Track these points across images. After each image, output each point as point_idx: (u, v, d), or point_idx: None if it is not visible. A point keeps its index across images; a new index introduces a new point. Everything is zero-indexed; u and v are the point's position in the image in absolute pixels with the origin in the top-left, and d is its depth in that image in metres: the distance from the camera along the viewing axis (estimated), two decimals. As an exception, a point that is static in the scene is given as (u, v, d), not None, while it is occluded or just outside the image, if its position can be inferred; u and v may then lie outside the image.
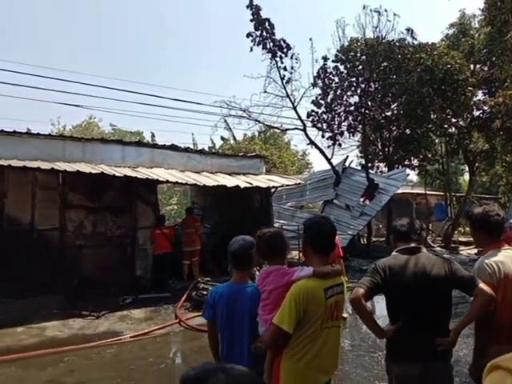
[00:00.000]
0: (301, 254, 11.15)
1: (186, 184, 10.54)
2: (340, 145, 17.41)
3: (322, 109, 16.61)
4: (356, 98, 16.83)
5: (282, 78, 15.10)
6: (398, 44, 16.34)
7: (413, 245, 2.71)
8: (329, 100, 16.63)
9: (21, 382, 4.83)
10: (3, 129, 8.58)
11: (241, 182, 10.65)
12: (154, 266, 10.11)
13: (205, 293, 8.75)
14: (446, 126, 17.67)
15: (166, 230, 10.25)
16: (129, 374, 5.08)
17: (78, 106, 13.60)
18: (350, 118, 16.65)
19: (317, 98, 16.70)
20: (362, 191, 15.53)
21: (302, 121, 15.91)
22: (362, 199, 15.56)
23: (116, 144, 10.17)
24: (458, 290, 2.56)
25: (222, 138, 26.61)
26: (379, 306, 5.43)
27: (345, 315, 6.58)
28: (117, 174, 8.62)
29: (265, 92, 15.72)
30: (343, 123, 16.69)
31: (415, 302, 2.53)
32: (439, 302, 2.55)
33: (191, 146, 11.96)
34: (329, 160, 16.15)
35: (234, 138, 26.08)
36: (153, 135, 28.23)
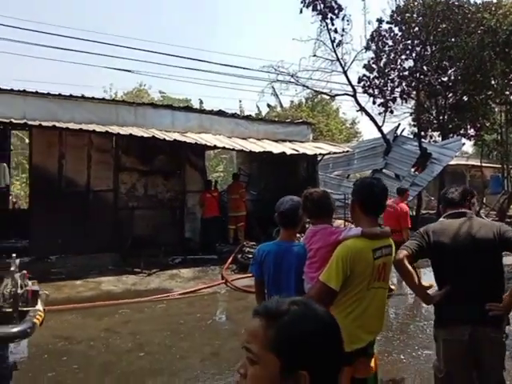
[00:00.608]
0: (346, 224, 11.07)
1: (233, 149, 10.65)
2: (392, 112, 16.77)
3: (374, 73, 15.95)
4: (411, 63, 16.02)
5: (333, 41, 14.60)
6: (457, 3, 15.21)
7: (461, 210, 2.64)
8: (382, 64, 15.93)
9: (81, 328, 5.23)
10: (61, 93, 8.95)
11: (287, 148, 10.59)
12: (202, 228, 10.42)
13: (250, 256, 8.96)
14: (507, 92, 16.49)
15: (214, 194, 10.49)
16: (178, 327, 5.36)
17: (129, 71, 13.88)
18: (404, 84, 15.92)
19: (369, 62, 16.05)
20: (413, 161, 15.00)
21: (352, 86, 15.40)
22: (413, 169, 15.06)
23: (166, 109, 10.37)
24: (508, 251, 2.48)
25: (269, 106, 26.35)
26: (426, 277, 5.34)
27: (392, 286, 6.52)
28: (167, 139, 8.84)
29: (314, 56, 15.28)
30: (396, 89, 15.99)
31: (462, 264, 2.48)
32: (487, 265, 2.48)
33: (238, 113, 11.96)
34: (379, 128, 15.64)
35: (281, 105, 25.75)
36: (201, 102, 28.42)
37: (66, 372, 4.04)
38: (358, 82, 15.92)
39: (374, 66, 15.99)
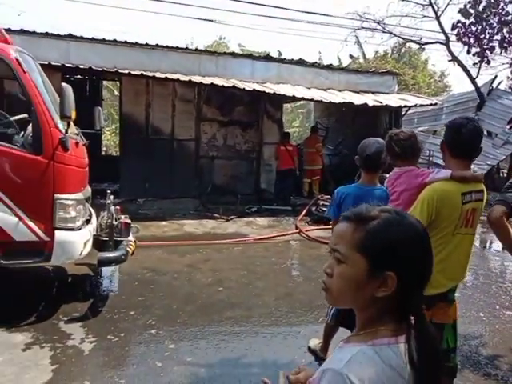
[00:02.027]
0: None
1: (312, 100, 10.43)
2: (488, 62, 15.17)
3: (471, 19, 14.43)
4: (516, 6, 14.20)
5: (426, -17, 13.35)
6: None
7: None
8: (480, 9, 14.32)
9: (166, 263, 5.69)
10: (147, 42, 9.28)
11: (369, 100, 10.14)
12: (277, 180, 10.56)
13: (324, 209, 8.97)
14: None
15: (290, 147, 10.46)
16: (253, 268, 5.62)
17: (211, 20, 13.92)
18: (505, 31, 14.21)
19: (465, 6, 14.50)
20: (508, 117, 13.65)
21: (445, 33, 14.12)
22: (508, 126, 13.74)
23: (246, 58, 10.35)
24: None
25: (351, 56, 25.08)
26: None
27: None
28: (247, 88, 8.88)
29: (403, 0, 14.14)
30: (495, 36, 14.38)
31: None
32: None
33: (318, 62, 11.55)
34: (473, 80, 14.33)
35: (364, 56, 24.41)
36: (280, 54, 27.82)
37: (154, 298, 4.47)
38: (452, 29, 14.51)
39: (470, 10, 14.42)
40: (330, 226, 3.34)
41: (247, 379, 3.07)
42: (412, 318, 0.95)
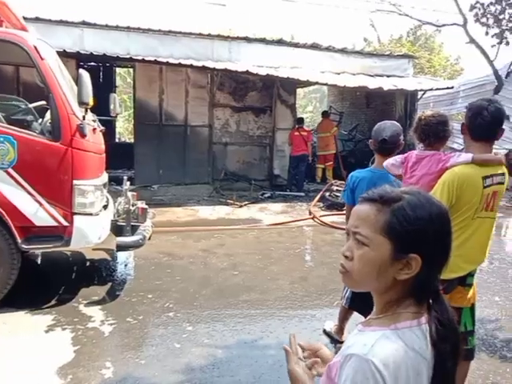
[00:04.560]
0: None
1: (326, 84, 10.34)
2: (508, 43, 14.77)
3: (490, -1, 14.02)
4: (538, -16, 13.74)
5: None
6: None
7: None
8: (500, -12, 13.89)
9: (182, 247, 5.77)
10: (160, 28, 9.25)
11: (384, 83, 10.00)
12: (290, 166, 10.53)
13: (338, 195, 8.95)
14: None
15: (304, 132, 10.40)
16: (268, 253, 5.66)
17: (223, 5, 13.78)
18: (526, 10, 13.81)
19: (484, -15, 14.08)
20: (528, 100, 13.34)
21: (463, 15, 13.76)
22: (527, 109, 13.43)
23: (259, 43, 10.25)
24: None
25: (365, 40, 24.68)
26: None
27: None
28: (260, 73, 8.82)
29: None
30: (515, 16, 13.96)
31: None
32: None
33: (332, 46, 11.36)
34: (491, 62, 13.98)
35: (379, 39, 23.98)
36: (292, 38, 27.47)
37: (171, 281, 4.54)
38: (470, 10, 14.14)
39: (490, -11, 14.00)
40: (344, 212, 3.34)
41: (264, 360, 3.12)
42: (430, 299, 0.95)
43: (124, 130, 24.53)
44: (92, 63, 11.29)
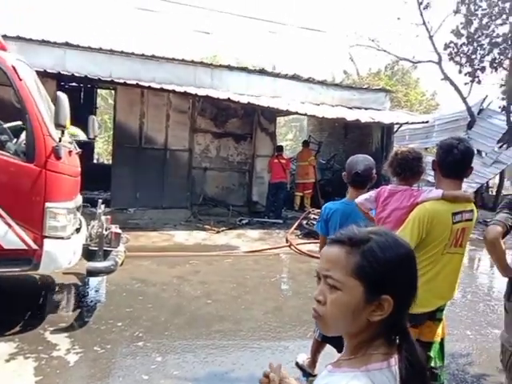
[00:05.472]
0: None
1: (305, 114, 10.53)
2: (479, 82, 15.47)
3: (463, 40, 14.74)
4: (506, 28, 14.54)
5: (420, 3, 13.63)
6: None
7: None
8: (472, 30, 14.64)
9: (155, 274, 5.65)
10: (144, 53, 9.33)
11: (362, 116, 10.27)
12: (269, 193, 10.58)
13: (315, 223, 9.01)
14: None
15: (283, 160, 10.51)
16: (243, 281, 5.61)
17: (207, 33, 14.04)
18: (496, 52, 14.54)
19: (457, 27, 14.82)
20: (498, 136, 13.90)
21: (437, 53, 14.40)
22: (497, 145, 13.96)
23: (241, 71, 10.44)
24: None
25: (345, 72, 25.45)
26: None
27: None
28: (241, 101, 8.95)
29: (398, 19, 14.40)
30: (486, 57, 14.69)
31: None
32: None
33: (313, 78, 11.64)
34: (464, 99, 14.58)
35: (358, 73, 24.76)
36: (274, 68, 28.11)
37: (142, 309, 4.43)
38: (445, 49, 14.83)
39: (462, 31, 14.74)
40: (319, 241, 3.36)
41: (234, 394, 3.04)
42: (399, 338, 0.95)
43: (103, 151, 24.32)
44: (73, 84, 11.26)
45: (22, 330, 3.75)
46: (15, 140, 3.95)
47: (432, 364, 2.48)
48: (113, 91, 11.19)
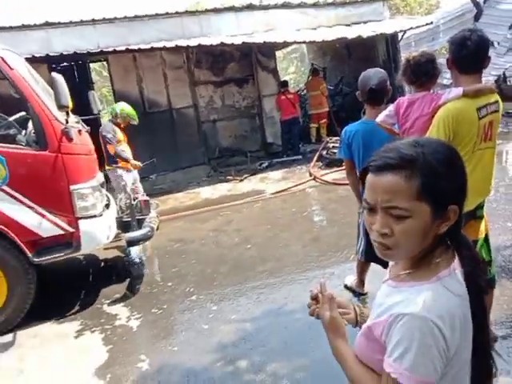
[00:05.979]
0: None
1: (304, 42, 10.11)
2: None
3: None
4: None
5: None
6: None
7: None
8: None
9: (191, 231, 5.79)
10: (126, 15, 8.97)
11: (363, 31, 9.75)
12: (282, 131, 10.42)
13: (335, 151, 8.90)
14: None
15: (290, 95, 10.22)
16: (276, 221, 5.68)
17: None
18: None
19: None
20: (510, 22, 13.03)
21: None
22: (510, 31, 13.14)
23: (229, 12, 9.92)
24: None
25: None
26: None
27: None
28: (235, 42, 8.61)
29: None
30: None
31: None
32: None
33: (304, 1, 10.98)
34: (467, -12, 13.59)
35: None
36: (261, 1, 26.73)
37: (187, 266, 4.58)
38: None
39: None
40: (344, 168, 3.32)
41: (292, 325, 3.17)
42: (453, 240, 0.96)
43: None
44: (64, 64, 11.01)
45: (81, 309, 3.96)
46: (24, 131, 3.95)
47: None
48: (105, 63, 10.92)
